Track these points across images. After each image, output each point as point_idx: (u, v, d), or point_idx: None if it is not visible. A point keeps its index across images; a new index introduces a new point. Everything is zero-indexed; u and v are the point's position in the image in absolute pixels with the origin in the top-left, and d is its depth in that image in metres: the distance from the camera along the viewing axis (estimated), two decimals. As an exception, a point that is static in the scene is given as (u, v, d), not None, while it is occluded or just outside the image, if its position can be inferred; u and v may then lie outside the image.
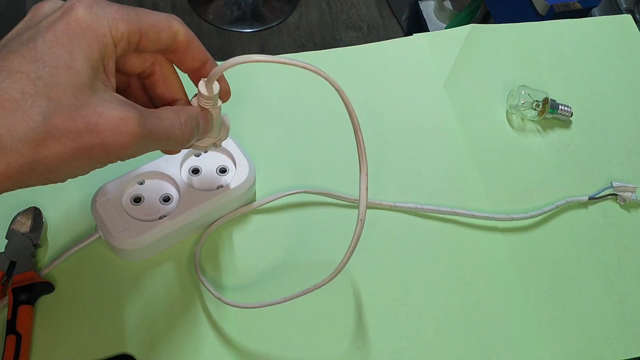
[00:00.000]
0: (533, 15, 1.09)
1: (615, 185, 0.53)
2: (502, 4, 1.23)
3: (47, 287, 0.43)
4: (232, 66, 0.31)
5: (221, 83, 0.35)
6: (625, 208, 0.53)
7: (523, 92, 0.56)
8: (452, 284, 0.48)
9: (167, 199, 0.45)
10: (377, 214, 0.50)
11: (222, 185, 0.46)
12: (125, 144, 0.29)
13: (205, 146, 0.39)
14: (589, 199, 0.52)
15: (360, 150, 0.38)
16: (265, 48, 1.68)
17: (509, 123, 0.57)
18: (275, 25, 1.73)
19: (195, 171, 0.46)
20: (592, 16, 0.79)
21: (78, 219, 0.47)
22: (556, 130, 0.57)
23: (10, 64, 0.27)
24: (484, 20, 1.45)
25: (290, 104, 0.55)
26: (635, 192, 0.53)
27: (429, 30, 1.54)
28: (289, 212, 0.49)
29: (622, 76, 0.61)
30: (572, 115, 0.56)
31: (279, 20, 1.73)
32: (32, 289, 0.42)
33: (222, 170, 0.47)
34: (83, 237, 0.45)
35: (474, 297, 0.47)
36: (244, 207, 0.48)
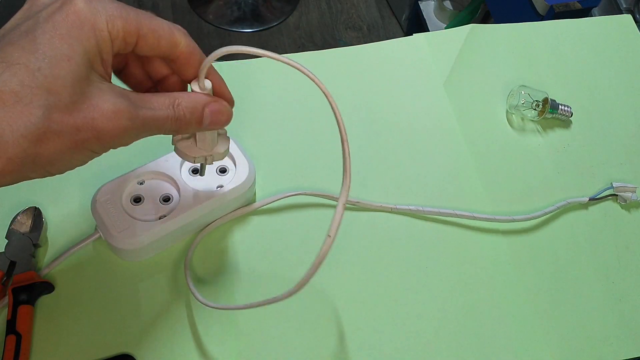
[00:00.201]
0: (533, 15, 1.09)
1: (615, 186, 0.53)
2: (502, 4, 1.23)
3: (47, 287, 0.43)
4: (219, 56, 0.33)
5: (223, 91, 0.36)
6: (626, 208, 0.53)
7: (523, 92, 0.56)
8: (452, 284, 0.48)
9: (167, 199, 0.45)
10: (378, 216, 0.50)
11: (222, 185, 0.46)
12: (119, 136, 0.30)
13: (194, 157, 0.38)
14: (589, 199, 0.52)
15: (346, 164, 0.36)
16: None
17: (509, 123, 0.57)
18: (275, 25, 1.73)
19: (195, 171, 0.46)
20: (592, 16, 0.79)
21: (78, 219, 0.47)
22: (556, 130, 0.57)
23: (9, 55, 0.27)
24: (484, 20, 1.45)
25: (290, 104, 0.55)
26: (636, 192, 0.53)
27: (429, 30, 1.54)
28: (288, 214, 0.49)
29: (622, 76, 0.61)
30: (572, 115, 0.56)
31: (279, 20, 1.73)
32: (32, 289, 0.42)
33: (222, 171, 0.47)
34: (83, 237, 0.45)
35: (474, 297, 0.47)
36: (242, 208, 0.48)
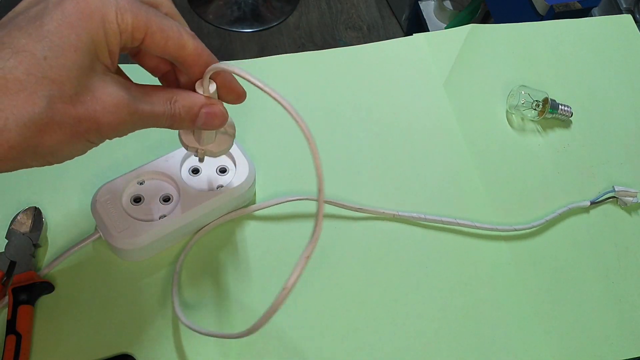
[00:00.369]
0: (533, 15, 1.09)
1: (617, 190, 0.53)
2: (502, 4, 1.23)
3: (47, 287, 0.43)
4: (215, 70, 0.33)
5: (233, 86, 0.36)
6: (626, 210, 0.53)
7: (523, 92, 0.56)
8: (453, 284, 0.48)
9: (167, 199, 0.45)
10: (379, 221, 0.50)
11: (222, 185, 0.46)
12: (117, 128, 0.30)
13: (187, 145, 0.38)
14: (591, 203, 0.52)
15: (319, 177, 0.34)
16: (265, 48, 1.68)
17: (509, 123, 0.57)
18: (275, 25, 1.73)
19: (195, 171, 0.46)
20: (592, 16, 0.79)
21: (78, 219, 0.47)
22: (556, 130, 0.57)
23: (17, 41, 0.27)
24: (484, 20, 1.45)
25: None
26: (637, 196, 0.53)
27: (429, 30, 1.54)
28: (287, 217, 0.49)
29: (622, 76, 0.61)
30: (572, 115, 0.56)
31: (279, 20, 1.73)
32: (32, 289, 0.42)
33: (222, 170, 0.47)
34: (83, 237, 0.45)
35: (474, 297, 0.47)
36: (240, 210, 0.48)
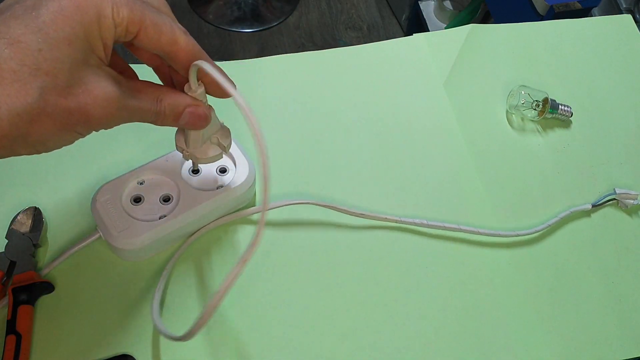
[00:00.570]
0: (533, 15, 1.09)
1: (618, 192, 0.53)
2: (502, 4, 1.23)
3: (47, 287, 0.43)
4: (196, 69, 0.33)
5: (215, 88, 0.36)
6: (627, 212, 0.53)
7: (523, 92, 0.56)
8: (453, 284, 0.48)
9: (167, 199, 0.45)
10: (380, 225, 0.50)
11: (222, 186, 0.46)
12: (106, 122, 0.31)
13: (176, 144, 0.40)
14: (592, 206, 0.52)
15: (265, 185, 0.34)
16: (265, 48, 1.68)
17: (509, 123, 0.57)
18: (275, 25, 1.73)
19: (195, 171, 0.46)
20: (592, 16, 0.79)
21: (78, 219, 0.47)
22: (556, 130, 0.57)
23: (13, 31, 0.27)
24: (484, 20, 1.45)
25: (292, 105, 0.55)
26: (638, 198, 0.53)
27: (429, 30, 1.54)
28: (286, 221, 0.49)
29: (622, 76, 0.61)
30: (572, 115, 0.56)
31: (279, 20, 1.73)
32: (32, 289, 0.42)
33: (222, 170, 0.47)
34: (83, 237, 0.45)
35: (475, 297, 0.47)
36: (239, 211, 0.48)
